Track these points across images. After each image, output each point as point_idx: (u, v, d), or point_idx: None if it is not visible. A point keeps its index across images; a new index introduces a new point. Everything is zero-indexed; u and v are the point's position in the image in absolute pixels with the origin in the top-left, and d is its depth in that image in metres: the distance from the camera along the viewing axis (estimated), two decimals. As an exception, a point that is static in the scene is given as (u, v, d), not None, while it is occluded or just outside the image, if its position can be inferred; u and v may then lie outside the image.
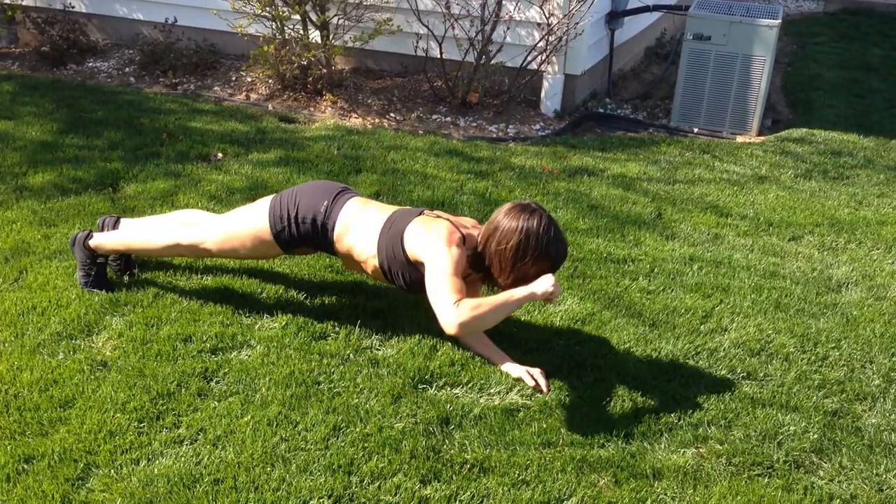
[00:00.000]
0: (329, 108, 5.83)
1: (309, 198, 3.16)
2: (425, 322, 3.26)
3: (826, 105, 6.52)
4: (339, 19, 5.83)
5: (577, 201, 4.54)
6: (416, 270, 3.00)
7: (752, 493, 2.59)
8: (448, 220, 3.02)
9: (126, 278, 3.50)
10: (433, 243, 2.91)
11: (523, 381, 3.00)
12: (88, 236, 3.40)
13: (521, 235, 2.84)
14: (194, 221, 3.40)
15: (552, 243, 2.87)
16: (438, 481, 2.57)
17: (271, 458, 2.61)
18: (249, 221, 3.21)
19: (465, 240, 2.96)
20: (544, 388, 2.97)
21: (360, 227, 3.10)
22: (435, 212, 3.12)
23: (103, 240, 3.39)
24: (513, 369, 3.05)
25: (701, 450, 2.76)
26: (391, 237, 3.02)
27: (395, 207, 3.20)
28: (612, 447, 2.74)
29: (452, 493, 2.53)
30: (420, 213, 3.06)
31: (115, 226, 3.52)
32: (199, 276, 3.56)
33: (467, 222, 3.10)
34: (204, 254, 3.34)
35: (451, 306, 2.76)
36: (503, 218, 2.90)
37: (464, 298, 2.78)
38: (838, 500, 2.61)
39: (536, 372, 3.02)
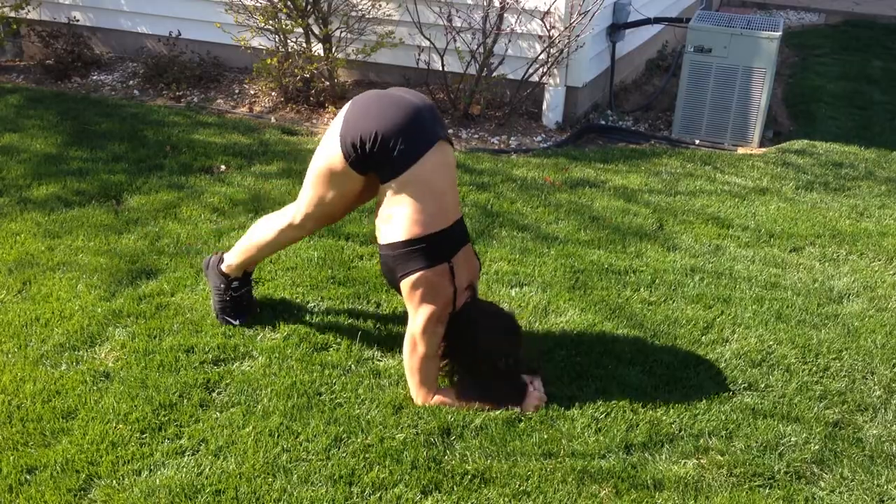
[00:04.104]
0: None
1: (388, 129, 2.81)
2: (427, 333, 3.27)
3: (827, 117, 6.54)
4: (341, 32, 5.86)
5: (578, 213, 4.55)
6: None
7: (753, 504, 2.59)
8: (455, 288, 2.89)
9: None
10: (422, 317, 2.86)
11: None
12: (220, 260, 3.34)
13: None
14: (276, 213, 3.24)
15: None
16: (439, 492, 2.57)
17: (273, 469, 2.62)
18: (322, 156, 2.94)
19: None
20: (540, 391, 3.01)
21: (399, 208, 2.84)
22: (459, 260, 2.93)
23: (230, 258, 3.30)
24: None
25: (702, 461, 2.77)
26: (396, 261, 2.85)
27: (447, 214, 2.89)
28: (612, 458, 2.74)
29: (453, 503, 2.53)
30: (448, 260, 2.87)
31: (219, 263, 3.36)
32: (202, 287, 3.58)
33: (469, 275, 2.99)
34: (308, 224, 3.10)
35: (423, 395, 2.94)
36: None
37: (435, 394, 2.95)
38: (839, 511, 2.61)
39: (537, 381, 3.04)
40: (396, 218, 2.84)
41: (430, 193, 2.85)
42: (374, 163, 2.85)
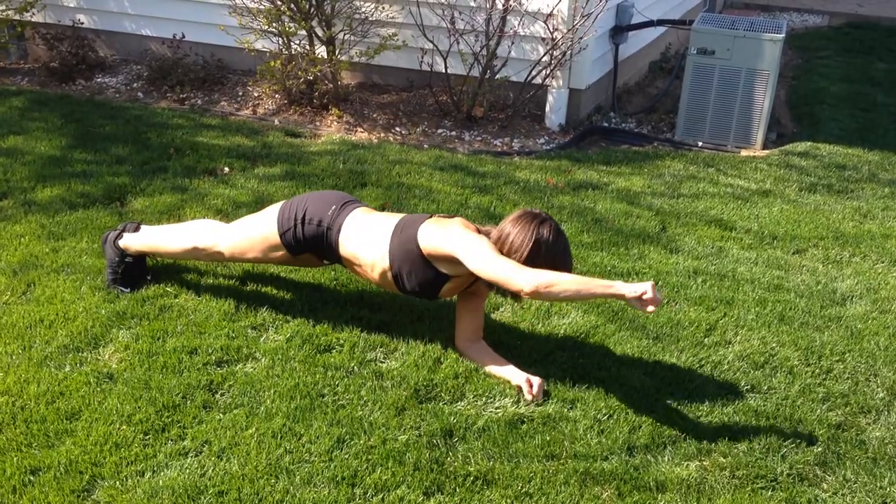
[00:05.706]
0: (335, 123, 5.86)
1: (317, 203, 3.24)
2: (429, 334, 3.28)
3: (830, 119, 6.53)
4: (345, 35, 5.87)
5: (581, 215, 4.55)
6: (429, 269, 3.01)
7: (755, 506, 2.59)
8: (459, 216, 3.08)
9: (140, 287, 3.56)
10: (460, 234, 2.95)
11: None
12: (119, 236, 3.54)
13: (533, 244, 2.87)
14: (211, 227, 3.48)
15: (561, 253, 2.91)
16: (442, 493, 2.58)
17: (275, 471, 2.62)
18: (259, 224, 3.29)
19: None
20: (539, 397, 3.00)
21: (366, 232, 3.14)
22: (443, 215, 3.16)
23: (131, 240, 3.51)
24: (515, 376, 3.07)
25: (704, 463, 2.77)
26: (403, 239, 3.05)
27: (401, 214, 3.23)
28: (615, 460, 2.74)
29: (456, 505, 2.53)
30: (430, 216, 3.10)
31: (136, 230, 3.59)
32: (205, 289, 3.59)
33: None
34: (218, 257, 3.40)
35: (522, 271, 2.73)
36: (512, 227, 2.93)
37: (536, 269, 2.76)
38: (842, 514, 2.61)
39: (536, 382, 3.04)
40: (368, 243, 3.12)
41: (370, 222, 3.16)
42: (312, 242, 3.21)
